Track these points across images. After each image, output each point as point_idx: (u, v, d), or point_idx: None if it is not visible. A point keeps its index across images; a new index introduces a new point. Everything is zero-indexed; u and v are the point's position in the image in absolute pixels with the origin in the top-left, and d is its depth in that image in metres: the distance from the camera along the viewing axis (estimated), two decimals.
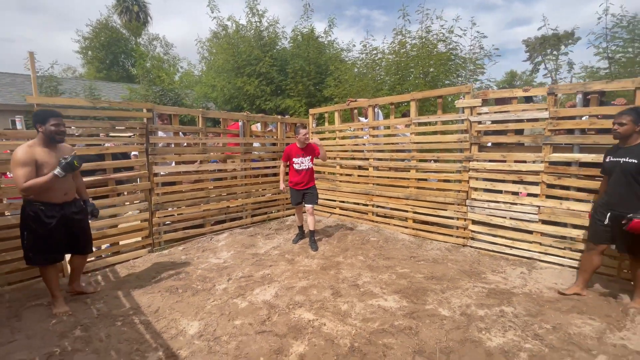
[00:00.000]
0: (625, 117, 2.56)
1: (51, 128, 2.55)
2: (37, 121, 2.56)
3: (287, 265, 3.76)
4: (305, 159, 4.32)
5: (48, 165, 2.53)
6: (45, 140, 2.58)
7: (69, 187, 2.74)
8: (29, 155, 2.46)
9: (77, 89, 11.91)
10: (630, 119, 2.53)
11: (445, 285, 3.17)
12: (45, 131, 2.55)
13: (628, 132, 2.56)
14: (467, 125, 3.89)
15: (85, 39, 20.86)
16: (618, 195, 2.63)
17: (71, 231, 2.77)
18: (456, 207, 4.09)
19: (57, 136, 2.59)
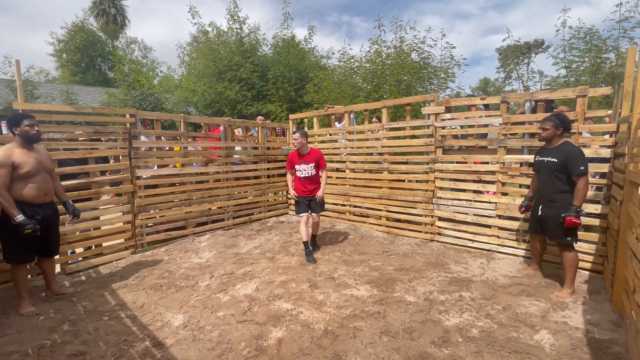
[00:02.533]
0: (547, 122, 2.93)
1: (26, 128, 2.68)
2: (12, 124, 2.69)
3: (267, 262, 3.97)
4: (307, 166, 4.02)
5: (27, 165, 2.65)
6: (22, 142, 2.71)
7: (49, 188, 2.86)
8: (6, 158, 2.58)
9: (53, 94, 11.68)
10: (552, 124, 2.90)
11: (412, 275, 3.47)
12: (21, 132, 2.68)
13: (550, 135, 2.93)
14: (432, 130, 4.24)
15: (59, 41, 20.33)
16: (544, 189, 3.01)
17: (45, 233, 2.84)
18: (424, 205, 4.43)
19: (33, 136, 2.72)
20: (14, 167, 2.60)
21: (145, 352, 2.30)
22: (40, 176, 2.75)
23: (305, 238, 4.03)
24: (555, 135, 2.93)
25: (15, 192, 2.64)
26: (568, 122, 2.94)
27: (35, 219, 2.70)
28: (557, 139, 2.96)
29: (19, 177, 2.64)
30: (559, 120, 2.90)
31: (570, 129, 2.98)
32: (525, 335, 2.41)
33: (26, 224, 2.57)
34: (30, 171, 2.66)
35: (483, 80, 32.57)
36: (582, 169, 2.73)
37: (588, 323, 2.57)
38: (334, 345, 2.32)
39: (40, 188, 2.74)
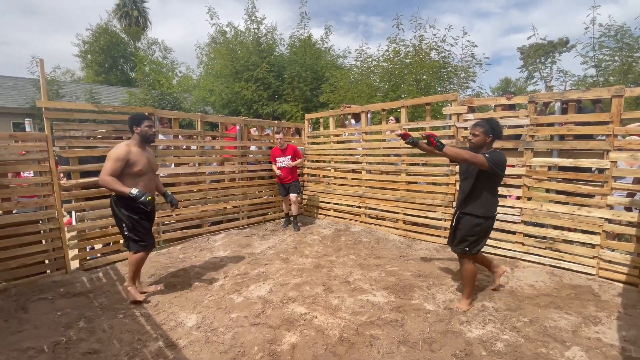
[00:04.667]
0: (478, 128, 2.64)
1: (145, 129, 2.83)
2: (133, 123, 2.83)
3: (281, 263, 3.91)
4: (285, 158, 5.23)
5: (139, 163, 2.78)
6: (140, 141, 2.85)
7: (153, 187, 3.01)
8: (125, 153, 2.71)
9: (77, 92, 12.06)
10: (482, 131, 2.61)
11: (431, 282, 3.34)
12: (140, 132, 2.82)
13: (480, 142, 2.63)
14: (454, 131, 4.08)
15: (84, 42, 21.03)
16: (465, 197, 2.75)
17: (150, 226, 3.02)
18: (444, 209, 4.27)
19: (150, 136, 2.87)
20: (128, 164, 2.72)
21: (158, 352, 2.27)
22: (148, 175, 2.87)
23: (286, 210, 5.58)
24: (486, 142, 2.63)
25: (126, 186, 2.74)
26: (499, 129, 2.64)
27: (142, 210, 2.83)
28: (488, 145, 2.66)
29: (131, 174, 2.75)
30: (489, 126, 2.61)
31: (502, 136, 2.70)
32: (555, 351, 2.25)
33: (142, 194, 2.66)
34: (142, 170, 2.79)
35: (504, 80, 31.72)
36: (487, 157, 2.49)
37: (623, 340, 2.38)
38: (349, 354, 2.23)
39: (147, 187, 2.86)
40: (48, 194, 3.38)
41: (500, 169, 2.54)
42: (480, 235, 2.71)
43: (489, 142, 2.64)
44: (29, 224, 3.29)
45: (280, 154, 5.27)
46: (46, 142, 3.30)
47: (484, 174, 2.56)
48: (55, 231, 3.45)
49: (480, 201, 2.65)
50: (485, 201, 2.65)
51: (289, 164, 5.21)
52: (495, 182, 2.67)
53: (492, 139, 2.63)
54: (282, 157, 5.25)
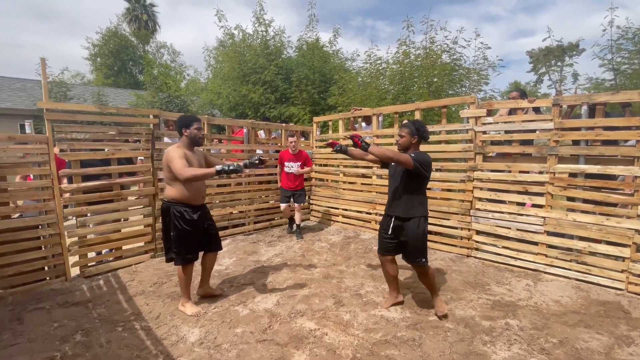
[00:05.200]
0: (403, 130, 2.67)
1: (195, 131, 2.72)
2: (182, 125, 2.71)
3: (289, 273, 3.74)
4: (295, 164, 4.93)
5: (193, 166, 2.68)
6: (189, 143, 2.74)
7: (204, 190, 2.90)
8: (181, 151, 2.62)
9: (85, 95, 12.09)
10: (407, 132, 2.64)
11: (449, 296, 3.13)
12: (190, 134, 2.71)
13: (406, 143, 2.66)
14: (472, 135, 3.89)
15: (94, 45, 21.25)
16: (393, 199, 2.73)
17: (206, 230, 2.89)
18: (460, 217, 4.06)
19: (199, 139, 2.76)
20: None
21: None
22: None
23: (287, 216, 5.23)
24: (412, 143, 2.66)
25: (176, 192, 2.67)
26: (424, 130, 2.66)
27: (193, 218, 2.74)
28: (414, 147, 2.69)
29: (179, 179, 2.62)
30: (414, 127, 2.66)
31: (427, 137, 2.69)
32: None
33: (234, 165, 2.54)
34: None
35: (513, 84, 31.30)
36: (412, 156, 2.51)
37: None
38: None
39: (200, 190, 2.78)
40: (48, 198, 3.26)
41: (425, 169, 2.55)
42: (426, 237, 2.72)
43: (415, 144, 2.67)
44: (28, 229, 3.16)
45: (290, 158, 4.98)
46: (47, 145, 3.18)
47: (412, 175, 2.57)
48: (55, 237, 3.32)
49: (417, 202, 2.65)
50: (421, 201, 2.67)
51: (297, 171, 4.94)
52: (423, 184, 2.67)
53: (418, 140, 2.66)
54: (291, 161, 4.96)
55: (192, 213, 2.76)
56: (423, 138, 2.68)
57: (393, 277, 2.90)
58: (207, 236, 2.94)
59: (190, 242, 2.77)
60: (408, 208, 2.64)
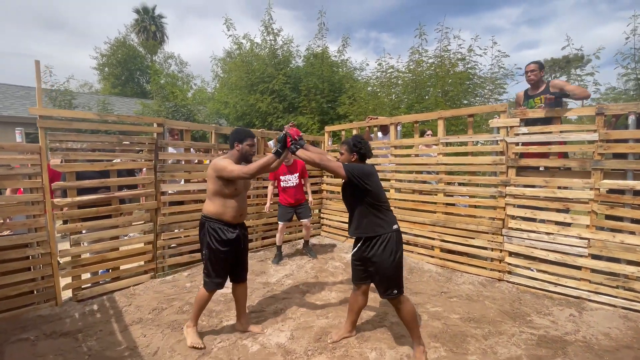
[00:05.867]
0: (342, 146, 2.47)
1: (247, 147, 2.55)
2: (236, 139, 2.55)
3: (302, 297, 3.38)
4: (292, 176, 4.42)
5: (238, 182, 2.51)
6: (239, 158, 2.56)
7: (245, 208, 2.68)
8: (230, 161, 2.45)
9: (90, 103, 11.95)
10: (346, 148, 2.44)
11: (486, 329, 2.74)
12: (241, 150, 2.54)
13: (345, 161, 2.42)
14: (504, 147, 3.55)
15: (102, 55, 21.38)
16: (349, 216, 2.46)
17: (236, 255, 2.63)
18: (490, 236, 3.69)
19: (249, 156, 2.58)
20: (225, 181, 2.43)
21: None
22: (242, 196, 2.61)
23: (279, 242, 4.54)
24: (351, 162, 2.41)
25: (217, 208, 2.50)
26: (362, 146, 2.40)
27: (229, 238, 2.52)
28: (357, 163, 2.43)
29: (225, 194, 2.48)
30: (352, 143, 2.42)
31: (368, 155, 2.43)
32: None
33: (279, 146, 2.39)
34: (237, 189, 2.53)
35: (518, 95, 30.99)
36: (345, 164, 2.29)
37: None
38: None
39: (240, 207, 2.58)
40: (39, 214, 2.96)
41: (362, 178, 2.25)
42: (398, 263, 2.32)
43: (355, 161, 2.42)
44: (16, 248, 2.85)
45: (284, 171, 4.42)
46: (39, 155, 2.90)
47: (350, 188, 2.33)
48: (46, 257, 3.01)
49: (366, 220, 2.33)
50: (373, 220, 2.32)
51: (296, 183, 4.42)
52: (366, 198, 2.30)
53: (357, 158, 2.42)
54: (287, 174, 4.43)
55: (229, 232, 2.53)
56: (362, 156, 2.41)
57: (358, 310, 2.57)
58: (239, 262, 2.69)
59: (221, 264, 2.54)
60: (357, 226, 2.36)
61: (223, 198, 2.49)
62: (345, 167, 2.25)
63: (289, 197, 4.44)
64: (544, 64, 3.61)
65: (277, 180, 4.49)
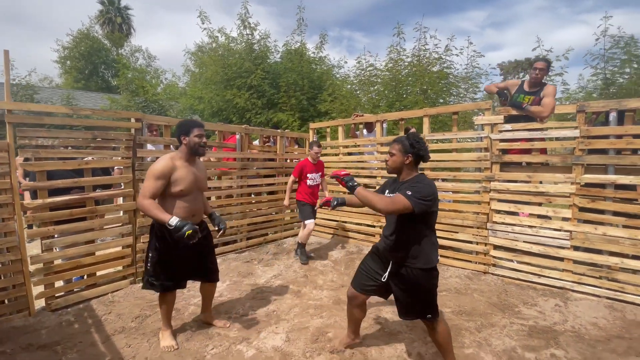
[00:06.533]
0: (395, 145, 2.05)
1: (195, 139, 2.34)
2: (181, 132, 2.35)
3: (294, 298, 3.31)
4: (317, 175, 4.48)
5: (182, 182, 2.29)
6: (187, 153, 2.37)
7: (198, 208, 2.47)
8: (166, 170, 2.23)
9: (53, 98, 11.15)
10: (399, 148, 2.02)
11: (479, 322, 2.80)
12: (189, 143, 2.34)
13: (397, 164, 2.04)
14: (488, 143, 3.64)
15: (64, 48, 20.01)
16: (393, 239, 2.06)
17: (197, 255, 2.50)
18: (475, 230, 3.79)
19: (200, 148, 2.38)
20: (170, 182, 2.25)
21: None
22: (192, 195, 2.38)
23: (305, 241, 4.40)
24: (404, 164, 2.02)
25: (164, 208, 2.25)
26: (421, 147, 1.98)
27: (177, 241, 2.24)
28: (408, 170, 2.03)
29: (172, 195, 2.28)
30: (409, 143, 2.00)
31: (427, 157, 2.01)
32: None
33: (182, 225, 2.08)
34: (184, 190, 2.30)
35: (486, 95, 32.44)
36: (409, 194, 1.83)
37: None
38: None
39: (190, 208, 2.36)
40: (8, 217, 2.68)
41: (433, 203, 1.88)
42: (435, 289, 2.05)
43: (409, 165, 2.01)
44: None
45: (312, 169, 4.42)
46: (7, 153, 2.62)
47: (416, 217, 1.88)
48: (17, 263, 2.74)
49: (427, 246, 1.96)
50: (433, 242, 2.00)
51: (318, 182, 4.50)
52: (431, 221, 2.00)
53: (413, 159, 1.99)
54: (314, 173, 4.43)
55: None
56: (420, 158, 2.00)
57: (358, 320, 2.38)
58: (198, 262, 2.53)
59: (169, 267, 2.38)
60: (414, 255, 1.96)
61: (170, 198, 2.29)
62: (413, 200, 1.80)
63: (313, 196, 4.41)
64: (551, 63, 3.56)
65: (304, 177, 4.39)
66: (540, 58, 3.56)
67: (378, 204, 1.84)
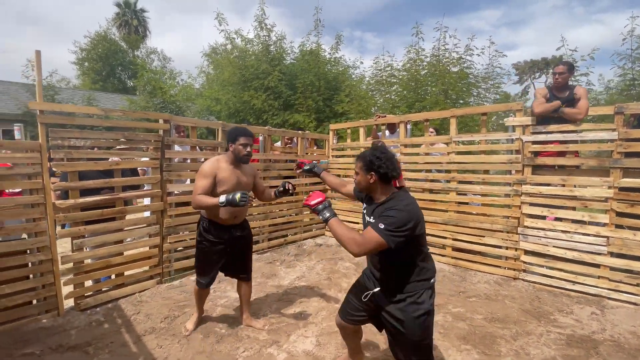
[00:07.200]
0: (357, 163, 1.77)
1: (239, 147, 2.43)
2: (229, 139, 2.48)
3: (320, 301, 3.27)
4: None
5: (227, 183, 2.43)
6: (232, 159, 2.48)
7: (241, 210, 2.57)
8: (212, 169, 2.39)
9: (74, 99, 11.40)
10: (360, 166, 1.73)
11: (513, 330, 2.71)
12: (234, 150, 2.45)
13: (363, 184, 1.75)
14: (519, 145, 3.54)
15: (82, 50, 20.47)
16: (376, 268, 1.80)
17: (233, 254, 2.61)
18: (505, 235, 3.68)
19: (243, 157, 2.46)
20: (215, 182, 2.40)
21: None
22: None
23: None
24: (370, 184, 1.71)
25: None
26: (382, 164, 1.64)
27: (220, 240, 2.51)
28: (380, 189, 1.71)
29: (215, 195, 2.37)
30: (368, 160, 1.68)
31: (394, 175, 1.66)
32: None
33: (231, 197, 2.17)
34: (227, 190, 2.39)
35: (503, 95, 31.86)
36: (381, 227, 1.52)
37: None
38: None
39: (231, 209, 2.44)
40: (40, 217, 2.72)
41: (412, 231, 1.55)
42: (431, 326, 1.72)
43: (375, 183, 1.69)
44: (14, 255, 2.62)
45: None
46: (40, 153, 2.66)
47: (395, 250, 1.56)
48: (47, 263, 2.77)
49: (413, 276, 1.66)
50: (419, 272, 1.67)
51: None
52: (419, 244, 1.68)
53: (377, 178, 1.66)
54: None
55: (215, 232, 2.51)
56: (384, 177, 1.65)
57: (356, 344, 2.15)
58: (233, 261, 2.65)
59: (206, 262, 2.58)
60: (396, 288, 1.68)
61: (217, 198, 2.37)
62: (386, 235, 1.50)
63: None
64: (573, 66, 3.52)
65: None
66: (560, 61, 3.48)
67: (349, 247, 1.55)
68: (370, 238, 1.53)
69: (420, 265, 1.67)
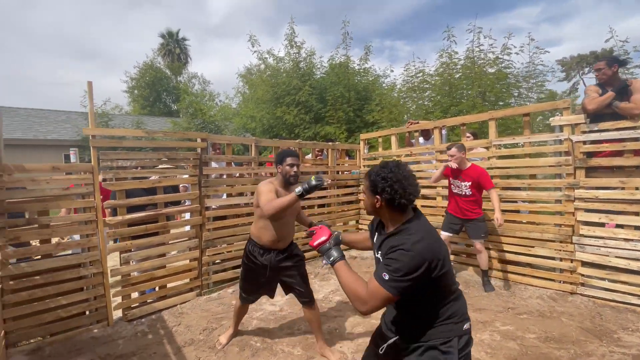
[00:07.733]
0: (363, 184, 1.56)
1: (287, 168, 2.42)
2: (277, 161, 2.50)
3: (355, 316, 3.18)
4: (461, 184, 3.58)
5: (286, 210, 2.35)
6: (282, 181, 2.46)
7: (286, 235, 2.52)
8: (271, 187, 2.38)
9: (125, 124, 12.44)
10: (365, 188, 1.47)
11: (571, 350, 2.44)
12: (282, 171, 2.44)
13: (369, 208, 1.47)
14: (569, 146, 3.26)
15: (132, 79, 22.44)
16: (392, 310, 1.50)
17: (282, 279, 2.62)
18: (558, 244, 3.37)
19: (291, 177, 2.43)
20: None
21: None
22: (282, 221, 2.45)
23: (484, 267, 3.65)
24: (375, 208, 1.43)
25: (256, 229, 2.51)
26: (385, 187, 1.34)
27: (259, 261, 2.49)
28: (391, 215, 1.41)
29: (263, 216, 2.37)
30: (370, 180, 1.41)
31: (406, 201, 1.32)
32: None
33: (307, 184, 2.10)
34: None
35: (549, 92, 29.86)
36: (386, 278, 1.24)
37: None
38: None
39: (278, 233, 2.45)
40: (92, 233, 2.94)
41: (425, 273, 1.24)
42: None
43: (382, 208, 1.40)
44: (70, 268, 2.84)
45: (455, 174, 3.64)
46: (92, 174, 2.90)
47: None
48: (98, 276, 2.98)
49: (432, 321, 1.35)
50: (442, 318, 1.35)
51: (467, 193, 3.56)
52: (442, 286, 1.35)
53: (385, 205, 1.38)
54: (458, 180, 3.62)
55: (261, 255, 2.48)
56: (390, 203, 1.36)
57: None
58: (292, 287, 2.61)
59: (248, 281, 2.62)
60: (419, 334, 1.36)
61: (264, 221, 2.42)
62: (388, 287, 1.23)
63: (454, 206, 3.71)
64: (617, 59, 3.27)
65: (449, 181, 3.77)
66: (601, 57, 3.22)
67: (354, 305, 1.32)
68: (375, 293, 1.25)
69: (447, 307, 1.35)
